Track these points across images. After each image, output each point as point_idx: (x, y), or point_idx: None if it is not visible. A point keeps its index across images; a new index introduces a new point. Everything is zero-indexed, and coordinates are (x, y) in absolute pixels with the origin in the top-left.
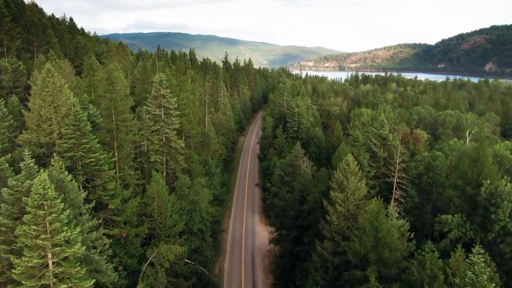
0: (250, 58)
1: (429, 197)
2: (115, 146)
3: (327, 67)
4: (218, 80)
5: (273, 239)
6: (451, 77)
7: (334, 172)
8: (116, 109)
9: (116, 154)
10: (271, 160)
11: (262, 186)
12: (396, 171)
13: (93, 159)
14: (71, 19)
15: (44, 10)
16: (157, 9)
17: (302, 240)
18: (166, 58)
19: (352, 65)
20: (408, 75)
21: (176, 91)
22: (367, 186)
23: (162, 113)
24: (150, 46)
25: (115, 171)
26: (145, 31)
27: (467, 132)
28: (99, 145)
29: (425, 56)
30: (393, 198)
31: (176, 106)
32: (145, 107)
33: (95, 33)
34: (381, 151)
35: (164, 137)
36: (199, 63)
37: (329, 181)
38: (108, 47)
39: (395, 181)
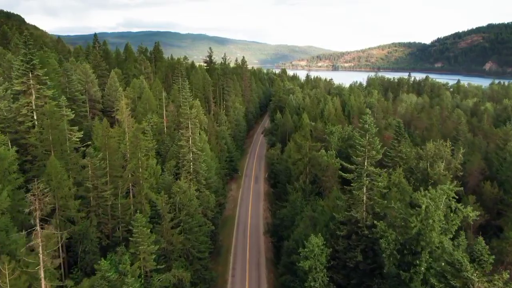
0: (243, 57)
1: None
2: None
3: (320, 66)
4: (187, 99)
5: None
6: (450, 77)
7: None
8: None
9: None
10: None
11: None
12: None
13: None
14: None
15: None
16: (146, 7)
17: None
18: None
19: (346, 65)
20: (405, 75)
21: None
22: None
23: None
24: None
25: None
26: (134, 30)
27: None
28: None
29: (421, 55)
30: None
31: None
32: None
33: None
34: None
35: None
36: (167, 63)
37: None
38: None
39: None
